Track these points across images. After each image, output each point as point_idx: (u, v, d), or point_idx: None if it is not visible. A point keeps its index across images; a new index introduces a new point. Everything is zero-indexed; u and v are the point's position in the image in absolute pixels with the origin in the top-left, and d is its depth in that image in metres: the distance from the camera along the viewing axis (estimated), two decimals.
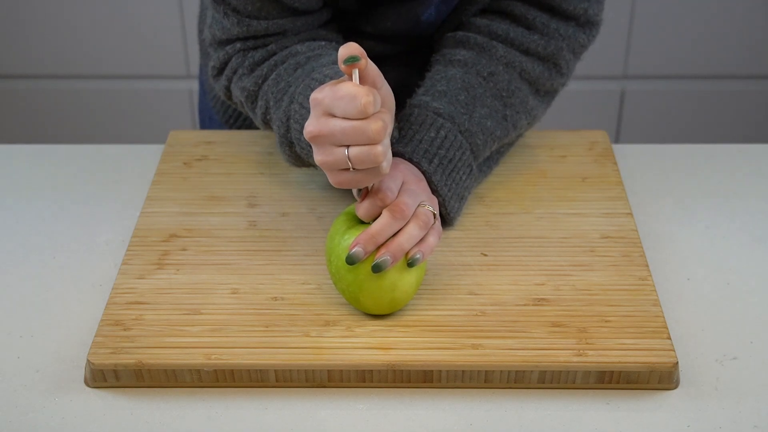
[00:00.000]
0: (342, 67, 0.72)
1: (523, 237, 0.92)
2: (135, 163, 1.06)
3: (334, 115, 0.73)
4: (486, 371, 0.78)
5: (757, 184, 1.03)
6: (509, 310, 0.83)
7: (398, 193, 0.80)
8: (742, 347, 0.83)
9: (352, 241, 0.78)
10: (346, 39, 1.02)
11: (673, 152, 1.09)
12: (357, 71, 0.73)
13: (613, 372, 0.78)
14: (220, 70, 0.96)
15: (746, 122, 2.07)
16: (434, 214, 0.80)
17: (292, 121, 0.87)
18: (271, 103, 0.90)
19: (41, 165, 1.07)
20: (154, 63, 2.02)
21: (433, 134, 0.89)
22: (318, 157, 0.76)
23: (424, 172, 0.87)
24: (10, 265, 0.92)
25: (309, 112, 0.83)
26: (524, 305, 0.83)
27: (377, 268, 0.77)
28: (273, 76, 0.91)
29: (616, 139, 2.09)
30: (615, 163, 1.02)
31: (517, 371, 0.78)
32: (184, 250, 0.90)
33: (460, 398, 0.78)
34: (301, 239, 0.91)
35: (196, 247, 0.91)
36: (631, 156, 1.07)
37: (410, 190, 0.80)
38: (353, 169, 0.75)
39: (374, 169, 0.75)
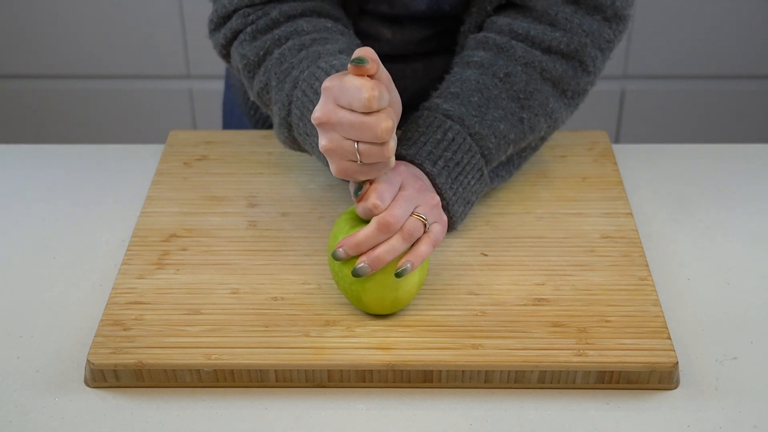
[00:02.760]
0: (349, 67, 0.73)
1: (523, 237, 0.92)
2: (135, 163, 1.06)
3: (341, 105, 0.74)
4: (486, 371, 0.78)
5: (757, 184, 1.03)
6: (509, 310, 0.83)
7: (392, 201, 0.79)
8: (742, 347, 0.83)
9: None
10: (361, 24, 1.01)
11: (673, 152, 1.09)
12: None
13: (613, 372, 0.78)
14: (218, 25, 0.96)
15: (746, 122, 2.07)
16: (425, 224, 0.79)
17: (293, 106, 0.87)
18: (273, 83, 0.90)
19: (41, 165, 1.07)
20: (154, 63, 2.02)
21: (439, 136, 0.88)
22: (323, 142, 0.76)
23: (427, 174, 0.86)
24: (10, 265, 0.92)
25: (311, 101, 0.84)
26: (524, 305, 0.83)
27: (356, 274, 0.78)
28: (276, 54, 0.90)
29: (616, 139, 2.09)
30: (615, 163, 1.02)
31: (517, 371, 0.78)
32: (184, 250, 0.90)
33: (460, 398, 0.78)
34: (301, 239, 0.91)
35: (196, 247, 0.91)
36: (631, 156, 1.07)
37: (405, 196, 0.79)
38: (360, 162, 0.75)
39: (381, 163, 0.76)
